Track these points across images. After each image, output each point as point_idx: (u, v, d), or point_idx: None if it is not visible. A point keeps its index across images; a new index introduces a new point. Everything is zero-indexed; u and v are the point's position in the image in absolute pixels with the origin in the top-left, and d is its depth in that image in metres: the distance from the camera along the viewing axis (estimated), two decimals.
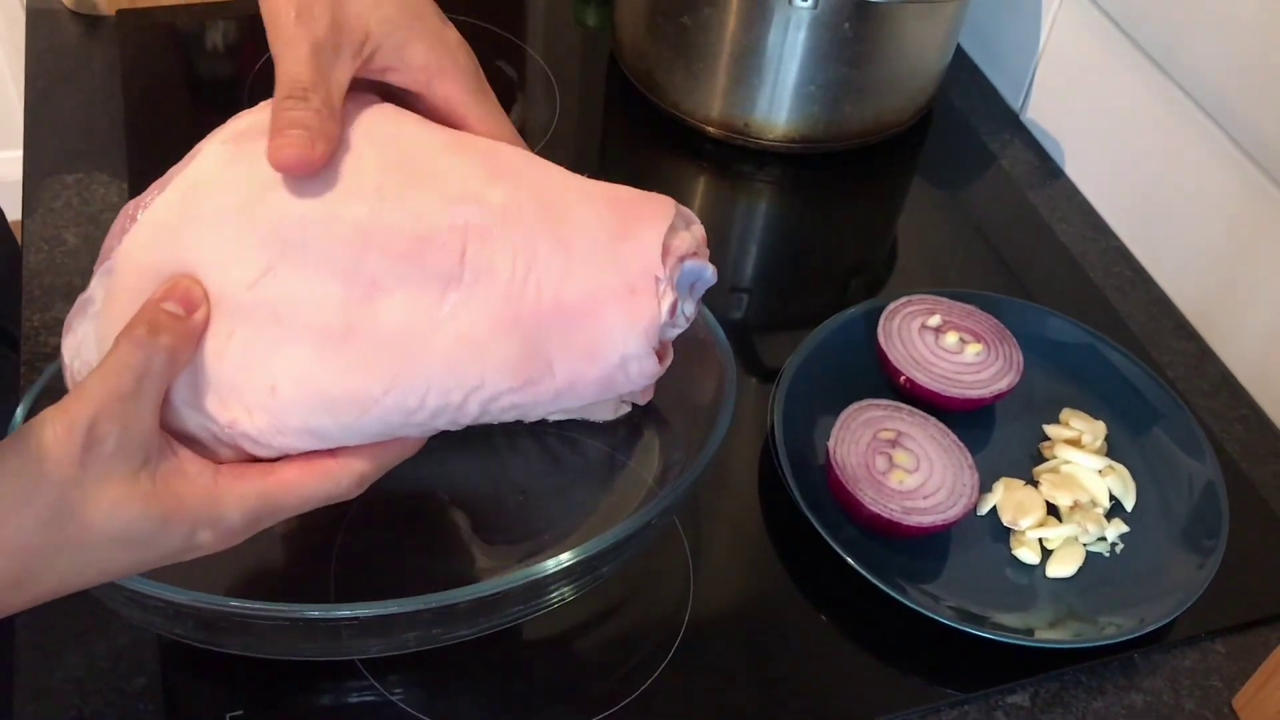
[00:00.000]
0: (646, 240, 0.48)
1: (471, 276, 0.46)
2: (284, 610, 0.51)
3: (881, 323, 0.75)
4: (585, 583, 0.59)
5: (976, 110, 1.01)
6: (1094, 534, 0.69)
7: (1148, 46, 0.85)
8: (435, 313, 0.46)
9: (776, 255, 0.89)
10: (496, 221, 0.47)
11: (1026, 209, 0.92)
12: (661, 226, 0.48)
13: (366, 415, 0.47)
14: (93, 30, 0.96)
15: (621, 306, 0.47)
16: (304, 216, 0.46)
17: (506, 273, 0.47)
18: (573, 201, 0.48)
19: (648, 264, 0.48)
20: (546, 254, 0.47)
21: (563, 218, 0.48)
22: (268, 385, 0.46)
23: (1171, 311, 0.85)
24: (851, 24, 0.85)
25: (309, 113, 0.47)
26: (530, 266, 0.47)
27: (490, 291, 0.47)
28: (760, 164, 0.93)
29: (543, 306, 0.47)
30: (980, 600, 0.65)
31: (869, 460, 0.68)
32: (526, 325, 0.47)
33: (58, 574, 0.44)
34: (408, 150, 0.49)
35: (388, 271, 0.46)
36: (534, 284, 0.47)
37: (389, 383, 0.46)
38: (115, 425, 0.43)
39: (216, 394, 0.47)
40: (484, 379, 0.47)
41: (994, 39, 1.03)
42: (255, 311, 0.46)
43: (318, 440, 0.48)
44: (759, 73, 0.88)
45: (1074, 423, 0.74)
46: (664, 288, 0.48)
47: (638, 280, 0.47)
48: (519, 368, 0.47)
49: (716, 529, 0.69)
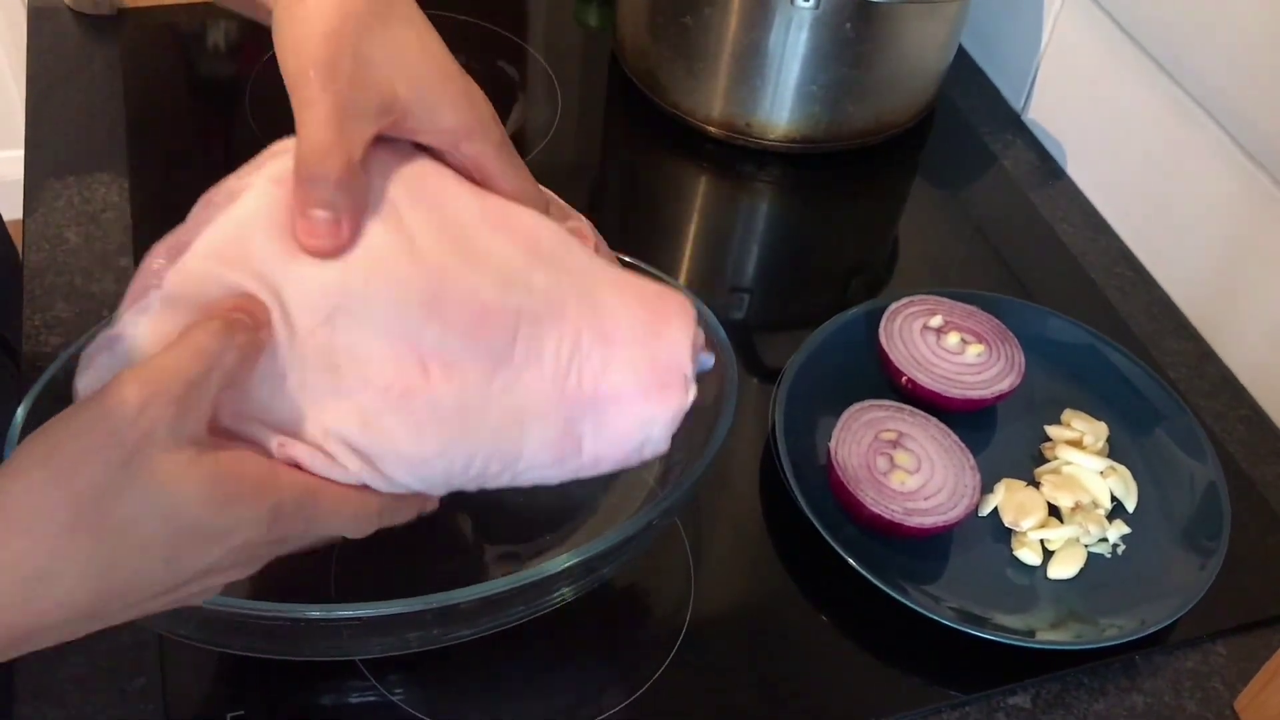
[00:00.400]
0: (676, 340, 0.52)
1: (521, 358, 0.49)
2: (285, 610, 0.51)
3: (883, 323, 0.75)
4: (586, 583, 0.59)
5: (978, 110, 1.01)
6: (1095, 535, 0.69)
7: (1150, 47, 0.85)
8: (486, 388, 0.49)
9: (777, 255, 0.89)
10: (544, 308, 0.50)
11: (1028, 209, 0.92)
12: (689, 328, 0.53)
13: (411, 475, 0.49)
14: (94, 29, 0.96)
15: (652, 399, 0.52)
16: (368, 277, 0.47)
17: (552, 359, 0.50)
18: (607, 293, 0.52)
19: (678, 363, 0.52)
20: (588, 345, 0.51)
21: (600, 309, 0.51)
22: (321, 430, 0.48)
23: (1173, 312, 0.85)
24: (853, 24, 0.85)
25: (329, 190, 0.46)
26: (573, 355, 0.50)
27: (538, 374, 0.50)
28: (761, 164, 0.93)
29: (583, 393, 0.50)
30: (981, 601, 0.65)
31: (870, 461, 0.68)
32: (566, 409, 0.50)
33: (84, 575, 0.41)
34: (453, 217, 0.50)
35: (446, 343, 0.48)
36: (575, 372, 0.50)
37: (439, 451, 0.49)
38: (168, 412, 0.42)
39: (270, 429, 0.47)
40: (523, 454, 0.51)
41: (996, 39, 1.03)
42: (313, 357, 0.47)
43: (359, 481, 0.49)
44: (760, 73, 0.88)
45: (1075, 423, 0.74)
46: (689, 383, 0.52)
47: (668, 376, 0.52)
48: (555, 447, 0.51)
49: (718, 529, 0.69)
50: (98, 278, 0.77)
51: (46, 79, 0.91)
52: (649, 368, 0.52)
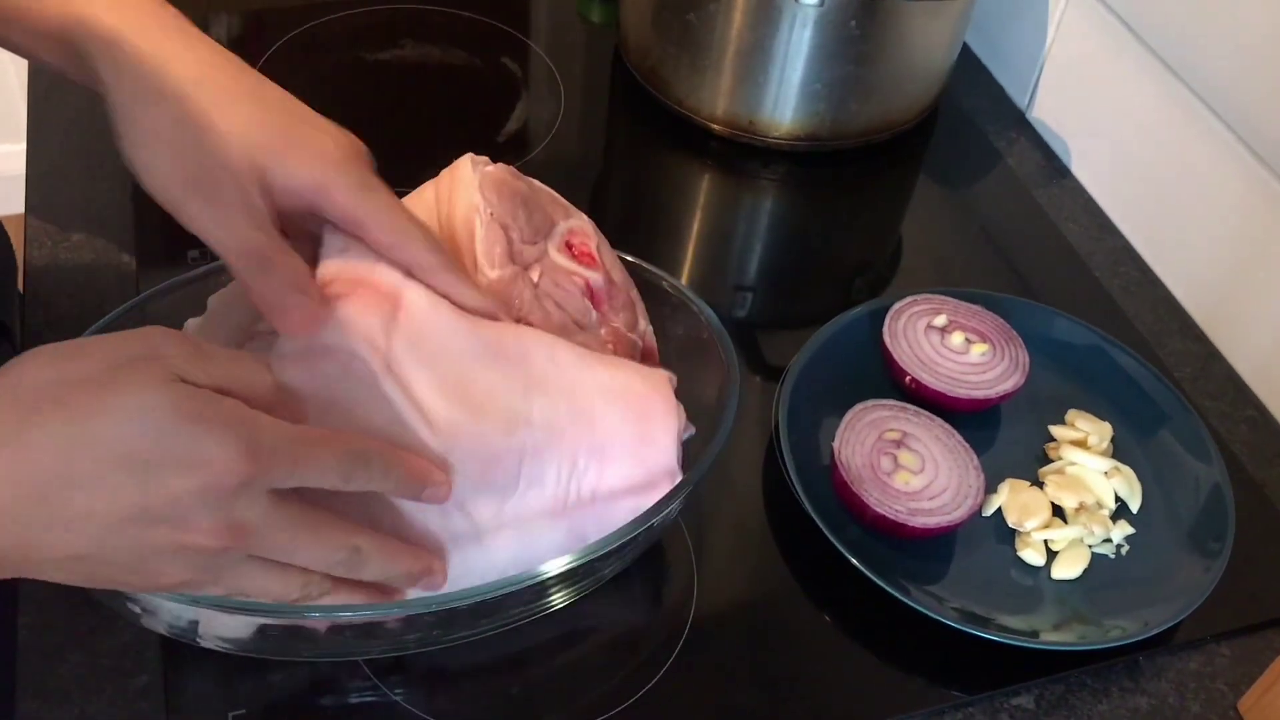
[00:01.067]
0: (663, 447, 0.57)
1: (525, 486, 0.54)
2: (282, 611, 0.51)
3: (887, 322, 0.75)
4: (587, 584, 0.59)
5: (982, 109, 1.00)
6: (1099, 536, 0.68)
7: (1155, 45, 0.85)
8: (496, 518, 0.54)
9: (781, 254, 0.89)
10: (544, 438, 0.55)
11: (1032, 208, 0.92)
12: (674, 430, 0.58)
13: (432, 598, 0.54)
14: None
15: (643, 496, 0.57)
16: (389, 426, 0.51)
17: (553, 481, 0.55)
18: (597, 403, 0.56)
19: (666, 466, 0.57)
20: (584, 461, 0.56)
21: (594, 424, 0.56)
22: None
23: (1178, 312, 0.85)
24: (858, 22, 0.85)
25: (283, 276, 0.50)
26: (572, 473, 0.55)
27: (541, 496, 0.55)
28: (765, 162, 0.93)
29: (582, 502, 0.56)
30: (985, 602, 0.65)
31: (874, 461, 0.68)
32: (569, 518, 0.55)
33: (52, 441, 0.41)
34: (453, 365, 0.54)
35: (461, 490, 0.52)
36: (575, 486, 0.56)
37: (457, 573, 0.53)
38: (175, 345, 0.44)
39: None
40: (531, 559, 0.55)
41: (1000, 37, 1.03)
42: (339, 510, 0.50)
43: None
44: (764, 70, 0.88)
45: (1080, 424, 0.74)
46: (675, 476, 0.57)
47: (659, 478, 0.57)
48: (563, 547, 0.55)
49: (720, 529, 0.68)
50: (100, 274, 0.77)
51: (49, 73, 0.91)
52: (640, 473, 0.57)
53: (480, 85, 0.96)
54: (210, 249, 0.50)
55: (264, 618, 0.52)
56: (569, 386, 0.56)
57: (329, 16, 0.99)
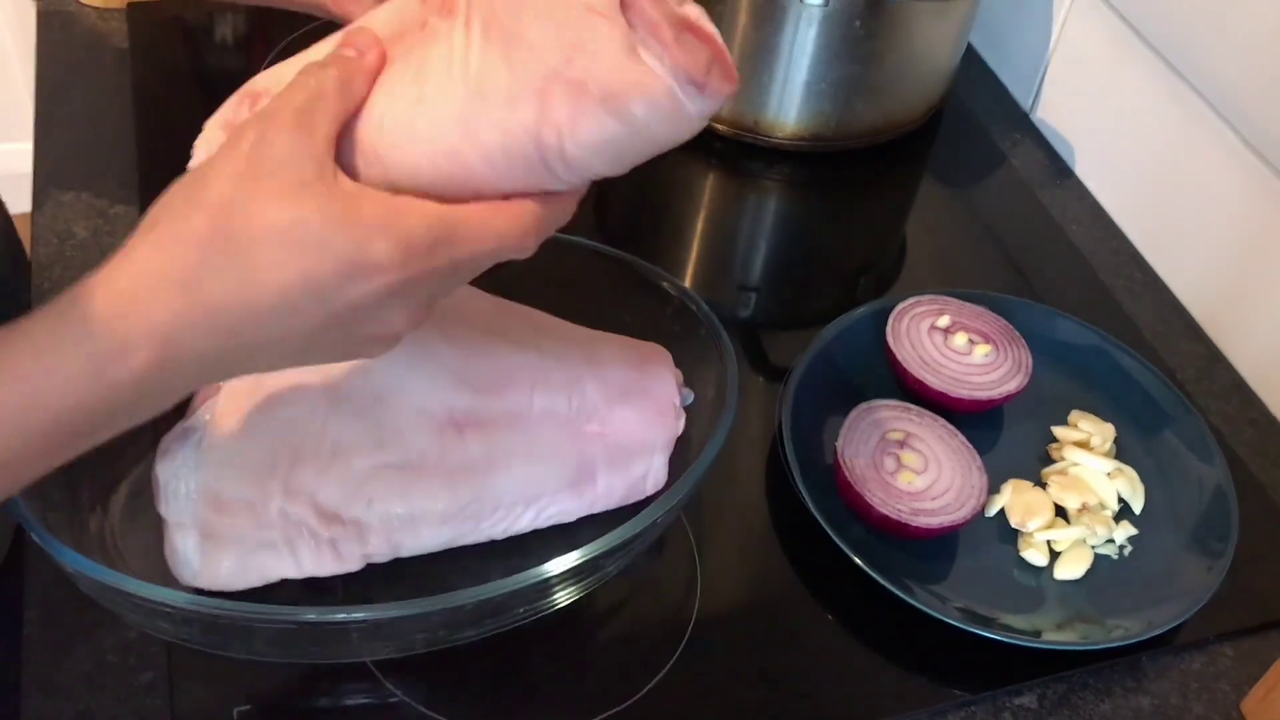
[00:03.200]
0: (665, 378, 0.62)
1: (538, 409, 0.58)
2: (286, 613, 0.51)
3: (890, 323, 0.75)
4: (591, 582, 0.59)
5: (987, 109, 1.00)
6: (1102, 536, 0.68)
7: (1159, 46, 0.85)
8: (510, 439, 0.58)
9: (785, 254, 0.89)
10: (554, 365, 0.59)
11: (1036, 209, 0.92)
12: (672, 369, 0.63)
13: (444, 526, 0.58)
14: (103, 22, 0.96)
15: (651, 426, 0.61)
16: (410, 362, 0.57)
17: (564, 406, 0.59)
18: (601, 348, 0.62)
19: (668, 394, 0.61)
20: (592, 391, 0.60)
21: (599, 363, 0.60)
22: (365, 499, 0.56)
23: (1182, 314, 0.85)
24: (863, 22, 0.85)
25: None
26: (580, 401, 0.59)
27: (552, 421, 0.59)
28: (770, 162, 0.93)
29: (591, 431, 0.59)
30: (988, 601, 0.65)
31: (877, 461, 0.68)
32: (578, 446, 0.59)
33: (226, 284, 0.41)
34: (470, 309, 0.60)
35: (474, 407, 0.57)
36: (584, 414, 0.59)
37: (470, 498, 0.58)
38: (285, 134, 0.43)
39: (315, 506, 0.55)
40: (544, 490, 0.59)
41: (1005, 38, 1.03)
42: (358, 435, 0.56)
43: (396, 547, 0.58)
44: (769, 70, 0.88)
45: (1083, 425, 0.74)
46: (679, 411, 0.62)
47: (662, 405, 0.61)
48: (572, 481, 0.59)
49: (724, 528, 0.69)
50: None
51: (56, 72, 0.91)
52: (646, 402, 0.60)
53: None
54: None
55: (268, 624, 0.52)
56: (570, 335, 0.62)
57: None
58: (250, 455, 0.56)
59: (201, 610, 0.51)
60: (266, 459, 0.56)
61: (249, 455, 0.56)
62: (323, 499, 0.56)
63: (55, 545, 0.51)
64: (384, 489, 0.56)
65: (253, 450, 0.56)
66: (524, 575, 0.53)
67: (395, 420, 0.57)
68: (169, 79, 0.93)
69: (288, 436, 0.56)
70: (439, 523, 0.58)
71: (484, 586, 0.53)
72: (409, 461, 0.57)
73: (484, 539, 0.60)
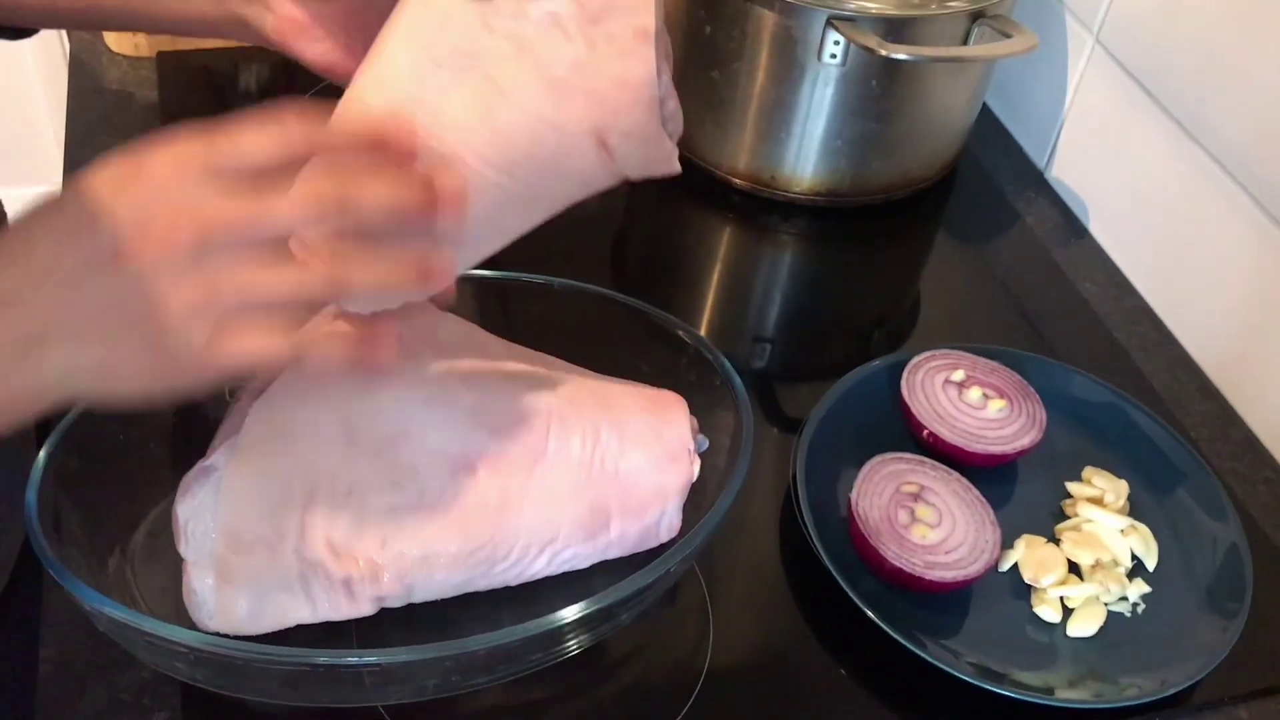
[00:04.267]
0: (679, 423, 0.62)
1: (553, 452, 0.59)
2: (301, 656, 0.51)
3: (905, 376, 0.75)
4: (603, 630, 0.59)
5: (1002, 168, 1.01)
6: (1115, 593, 0.68)
7: (1172, 108, 0.86)
8: (525, 481, 0.58)
9: (800, 306, 0.90)
10: (568, 407, 0.59)
11: (1050, 267, 0.93)
12: (685, 412, 0.63)
13: (457, 568, 0.58)
14: (134, 71, 0.98)
15: (664, 471, 0.61)
16: (430, 400, 0.58)
17: (578, 449, 0.59)
18: (614, 391, 0.62)
19: (682, 439, 0.62)
20: (607, 434, 0.60)
21: (613, 405, 0.61)
22: (379, 538, 0.56)
23: (1195, 372, 0.85)
24: (879, 81, 0.86)
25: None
26: (595, 444, 0.60)
27: (567, 464, 0.59)
28: (786, 216, 0.94)
29: (605, 475, 0.60)
30: (1000, 657, 0.65)
31: (891, 513, 0.68)
32: (593, 490, 0.59)
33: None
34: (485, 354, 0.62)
35: (490, 447, 0.58)
36: (599, 458, 0.60)
37: (484, 540, 0.58)
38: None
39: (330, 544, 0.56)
40: (559, 534, 0.59)
41: (1020, 98, 1.04)
42: (374, 475, 0.56)
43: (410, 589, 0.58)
44: (786, 127, 0.89)
45: (1096, 481, 0.74)
46: (693, 457, 0.62)
47: (675, 450, 0.61)
48: (586, 525, 0.59)
49: (737, 579, 0.69)
50: None
51: (86, 118, 0.93)
52: (659, 446, 0.61)
53: None
54: None
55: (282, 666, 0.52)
56: (588, 382, 0.62)
57: None
58: (268, 494, 0.56)
59: (216, 651, 0.51)
60: (283, 498, 0.56)
61: (267, 494, 0.56)
62: (337, 538, 0.56)
63: (74, 583, 0.52)
64: (398, 529, 0.57)
65: (270, 489, 0.56)
66: (537, 622, 0.54)
67: (411, 459, 0.57)
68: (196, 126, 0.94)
69: (304, 475, 0.56)
70: (452, 565, 0.58)
71: (497, 633, 0.53)
72: (424, 502, 0.57)
73: (498, 584, 0.60)
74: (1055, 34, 0.97)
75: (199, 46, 1.00)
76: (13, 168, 1.96)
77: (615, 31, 0.53)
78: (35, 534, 0.53)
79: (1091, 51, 0.93)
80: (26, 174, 1.99)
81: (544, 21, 0.53)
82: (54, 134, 1.92)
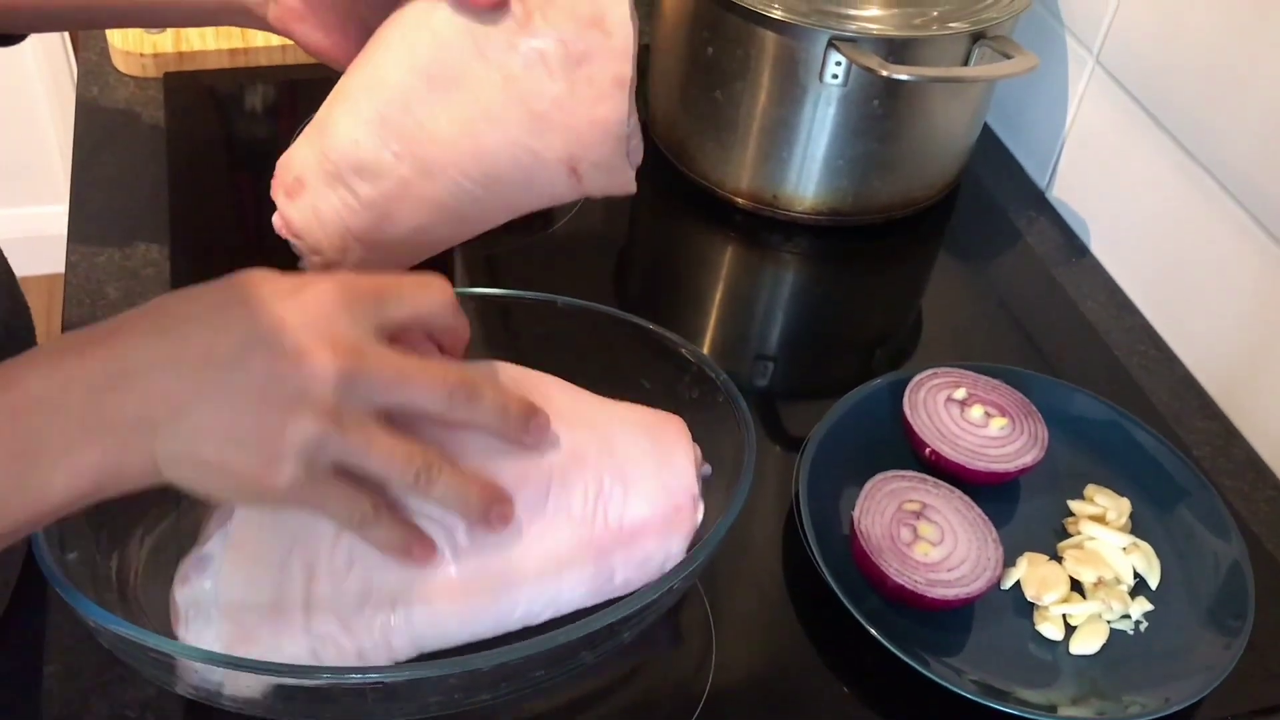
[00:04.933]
0: (682, 467, 0.60)
1: (553, 509, 0.57)
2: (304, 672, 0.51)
3: (907, 394, 0.76)
4: (607, 648, 0.59)
5: (1003, 187, 1.02)
6: (1118, 611, 0.68)
7: (1172, 128, 0.86)
8: (527, 545, 0.56)
9: (803, 325, 0.90)
10: (570, 461, 0.57)
11: (1052, 285, 0.93)
12: (689, 452, 0.60)
13: (465, 628, 0.56)
14: (140, 91, 0.99)
15: (669, 522, 0.59)
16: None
17: (580, 505, 0.57)
18: (617, 431, 0.60)
19: (686, 486, 0.59)
20: (609, 486, 0.58)
21: (615, 450, 0.59)
22: (387, 609, 0.55)
23: (1197, 390, 0.86)
24: (881, 101, 0.87)
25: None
26: (597, 498, 0.57)
27: (569, 522, 0.57)
28: (788, 235, 0.94)
29: (609, 529, 0.58)
30: (1003, 675, 0.65)
31: (893, 531, 0.68)
32: (596, 546, 0.57)
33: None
34: None
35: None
36: (601, 512, 0.57)
37: (489, 602, 0.56)
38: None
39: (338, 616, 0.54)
40: (561, 591, 0.57)
41: (1021, 118, 1.05)
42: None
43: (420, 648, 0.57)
44: (788, 147, 0.90)
45: (1098, 499, 0.74)
46: (698, 503, 0.60)
47: (680, 499, 0.59)
48: (590, 581, 0.58)
49: (739, 595, 0.69)
50: None
51: (93, 138, 0.94)
52: (662, 495, 0.59)
53: None
54: None
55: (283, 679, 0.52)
56: (588, 417, 0.60)
57: None
58: (268, 578, 0.54)
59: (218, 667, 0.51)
60: (284, 580, 0.54)
61: (267, 579, 0.54)
62: (344, 611, 0.55)
63: (79, 599, 0.52)
64: (405, 599, 0.55)
65: (269, 573, 0.54)
66: (541, 640, 0.54)
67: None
68: (201, 146, 0.95)
69: (303, 554, 0.54)
70: (461, 627, 0.57)
71: (500, 650, 0.53)
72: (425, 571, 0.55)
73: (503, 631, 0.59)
74: (1055, 55, 0.98)
75: (205, 67, 1.01)
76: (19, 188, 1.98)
77: (595, 76, 0.59)
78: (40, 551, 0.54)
79: (1092, 72, 0.94)
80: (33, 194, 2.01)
81: (531, 57, 0.59)
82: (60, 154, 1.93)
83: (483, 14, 0.59)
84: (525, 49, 0.59)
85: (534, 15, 0.59)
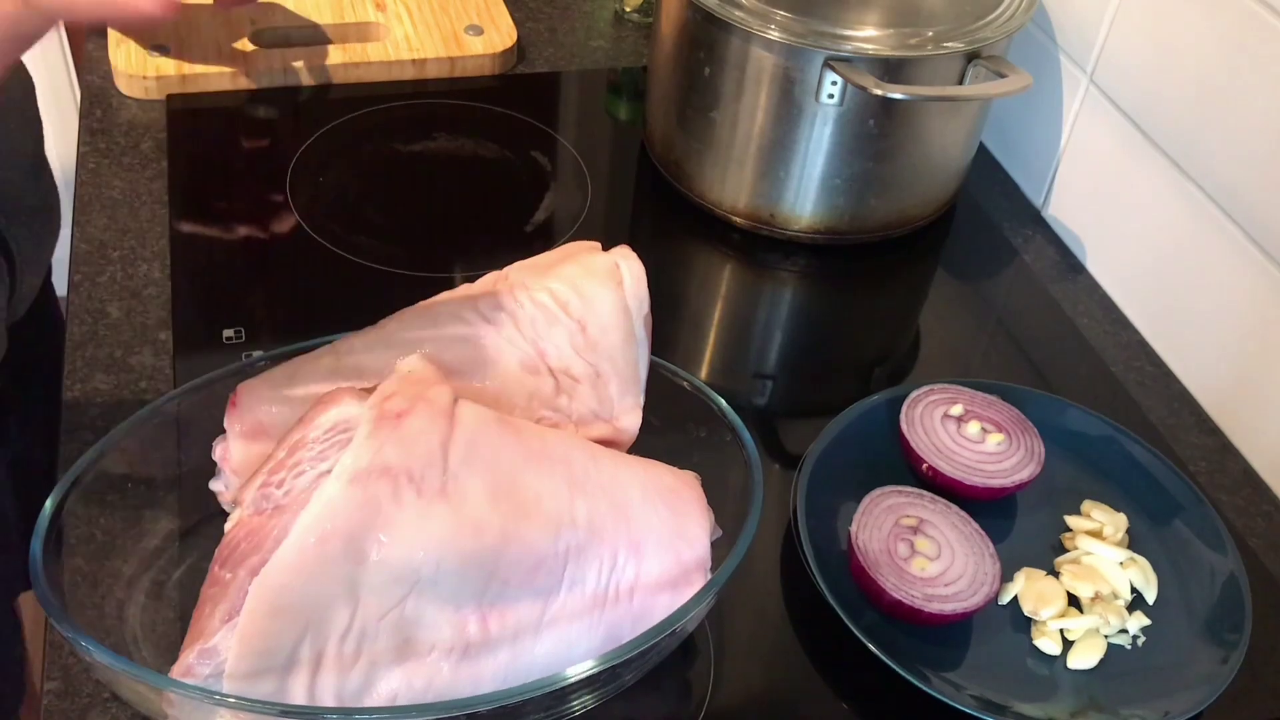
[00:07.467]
0: (695, 536, 0.59)
1: (567, 587, 0.56)
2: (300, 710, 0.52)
3: (904, 410, 0.76)
4: (609, 690, 0.59)
5: (999, 206, 1.03)
6: (1115, 626, 0.69)
7: (1166, 146, 0.87)
8: (538, 620, 0.56)
9: (800, 343, 0.91)
10: (587, 538, 0.57)
11: (1048, 303, 0.94)
12: (703, 520, 0.60)
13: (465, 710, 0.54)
14: (143, 113, 0.99)
15: (677, 589, 0.58)
16: (440, 560, 0.54)
17: (594, 581, 0.57)
18: (634, 498, 0.59)
19: (699, 557, 0.59)
20: (623, 559, 0.58)
21: (631, 520, 0.58)
22: (389, 694, 0.54)
23: (1192, 406, 0.86)
24: (877, 120, 0.88)
25: None
26: (611, 571, 0.57)
27: (581, 597, 0.57)
28: (786, 254, 0.95)
29: (620, 603, 0.57)
30: (1001, 690, 0.65)
31: (891, 546, 0.68)
32: (608, 619, 0.57)
33: None
34: (504, 470, 0.57)
35: (504, 594, 0.55)
36: (614, 585, 0.57)
37: (498, 685, 0.55)
38: None
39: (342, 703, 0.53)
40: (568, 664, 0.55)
41: (1016, 137, 1.05)
42: (383, 638, 0.54)
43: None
44: (785, 166, 0.91)
45: (1095, 514, 0.74)
46: (708, 569, 0.59)
47: (692, 572, 0.59)
48: (598, 650, 0.57)
49: (738, 613, 0.69)
50: (136, 351, 0.79)
51: (96, 158, 0.94)
52: (676, 567, 0.58)
53: (510, 177, 0.99)
54: None
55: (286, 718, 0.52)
56: (608, 483, 0.59)
57: (367, 109, 1.02)
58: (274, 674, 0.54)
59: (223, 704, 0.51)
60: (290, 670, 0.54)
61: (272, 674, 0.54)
62: (347, 697, 0.54)
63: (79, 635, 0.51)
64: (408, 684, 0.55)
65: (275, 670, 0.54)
66: (539, 682, 0.53)
67: (418, 614, 0.54)
68: (203, 167, 0.96)
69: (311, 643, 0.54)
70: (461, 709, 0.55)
71: (503, 691, 0.53)
72: (432, 658, 0.55)
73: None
74: (1050, 74, 0.99)
75: (207, 89, 1.01)
76: None
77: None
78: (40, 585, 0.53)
79: (1086, 91, 0.95)
80: None
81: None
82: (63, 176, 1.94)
83: None
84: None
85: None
